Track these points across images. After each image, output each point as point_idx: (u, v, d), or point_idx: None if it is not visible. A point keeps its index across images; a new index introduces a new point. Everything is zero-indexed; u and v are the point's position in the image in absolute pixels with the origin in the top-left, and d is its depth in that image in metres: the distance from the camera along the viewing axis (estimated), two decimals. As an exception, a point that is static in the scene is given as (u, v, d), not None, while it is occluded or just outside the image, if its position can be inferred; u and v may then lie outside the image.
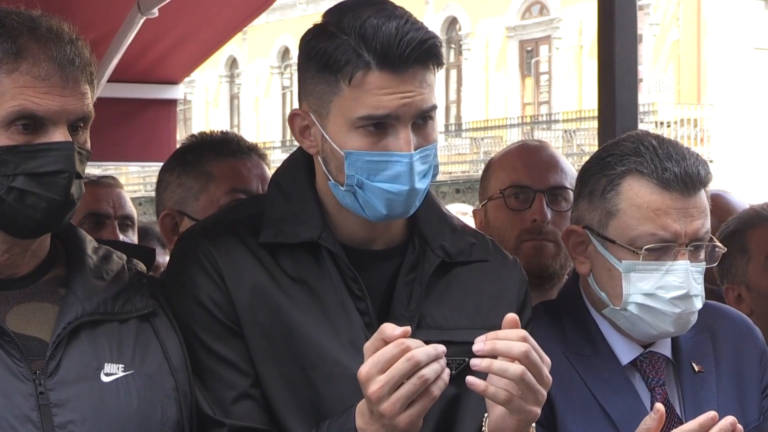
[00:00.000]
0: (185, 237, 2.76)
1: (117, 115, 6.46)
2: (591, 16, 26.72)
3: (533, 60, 36.38)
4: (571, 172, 3.69)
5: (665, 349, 2.93)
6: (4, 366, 2.43)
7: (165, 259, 4.27)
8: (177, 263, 2.72)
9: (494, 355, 2.40)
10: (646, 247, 2.80)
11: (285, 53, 41.46)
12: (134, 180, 39.43)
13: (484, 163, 3.96)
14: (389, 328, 2.38)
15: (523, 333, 2.43)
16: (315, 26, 2.62)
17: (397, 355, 2.35)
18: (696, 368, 2.93)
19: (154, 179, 3.89)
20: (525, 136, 32.01)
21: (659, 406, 2.64)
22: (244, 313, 2.62)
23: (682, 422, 2.76)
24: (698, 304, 2.85)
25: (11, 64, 2.43)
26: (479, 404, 2.55)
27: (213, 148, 3.71)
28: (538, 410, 2.45)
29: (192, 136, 3.86)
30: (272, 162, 3.79)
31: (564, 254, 3.56)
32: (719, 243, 2.90)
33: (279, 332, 2.61)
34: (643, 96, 30.87)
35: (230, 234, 2.68)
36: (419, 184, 2.57)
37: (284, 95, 41.98)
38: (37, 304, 2.52)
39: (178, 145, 4.00)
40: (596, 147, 3.24)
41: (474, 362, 2.41)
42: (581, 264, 2.94)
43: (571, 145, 32.15)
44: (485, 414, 2.52)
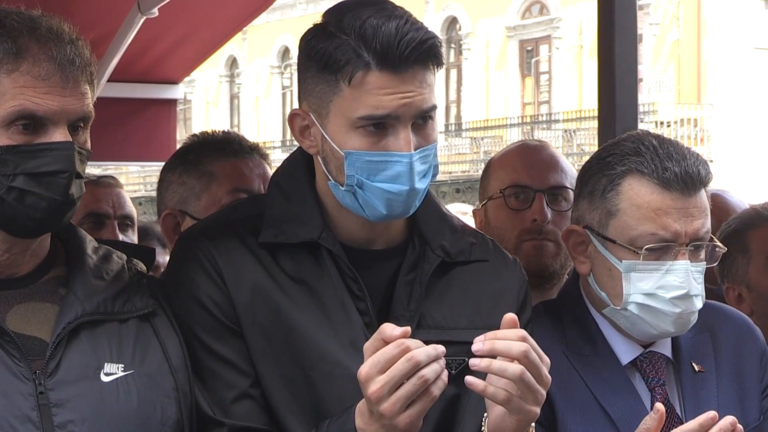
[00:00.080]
0: (185, 237, 2.76)
1: (117, 115, 6.45)
2: (591, 16, 26.70)
3: (533, 60, 36.38)
4: (571, 172, 3.69)
5: (665, 349, 2.93)
6: (4, 366, 2.43)
7: (165, 259, 4.26)
8: (177, 263, 2.72)
9: (493, 355, 2.40)
10: (647, 247, 2.80)
11: (285, 53, 41.46)
12: (134, 180, 39.43)
13: (484, 163, 3.96)
14: (389, 329, 2.38)
15: (523, 333, 2.43)
16: (315, 26, 2.62)
17: (397, 356, 2.35)
18: (696, 368, 2.93)
19: (154, 179, 3.90)
20: (525, 136, 32.00)
21: (659, 406, 2.64)
22: (244, 313, 2.62)
23: (682, 422, 2.76)
24: (698, 304, 2.85)
25: (11, 64, 2.42)
26: (479, 404, 2.55)
27: (215, 148, 3.71)
28: (538, 410, 2.45)
29: (194, 136, 3.86)
30: (272, 162, 3.78)
31: (564, 254, 3.56)
32: (719, 243, 2.90)
33: (279, 332, 2.61)
34: (643, 96, 30.86)
35: (230, 234, 2.68)
36: (419, 184, 2.57)
37: (284, 95, 41.99)
38: (37, 304, 2.52)
39: (179, 145, 4.00)
40: (596, 147, 3.24)
41: (473, 362, 2.40)
42: (581, 264, 2.94)
43: (571, 145, 32.14)
44: (485, 414, 2.52)
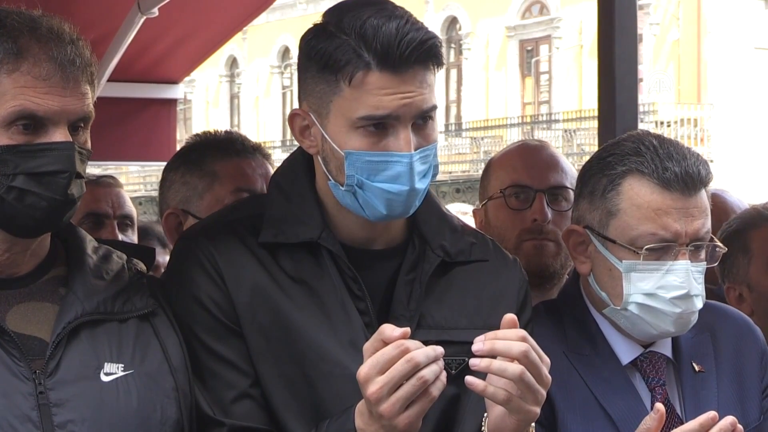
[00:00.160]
0: (185, 237, 2.76)
1: (117, 115, 6.45)
2: (591, 16, 26.70)
3: (533, 60, 36.37)
4: (572, 172, 3.69)
5: (665, 349, 2.93)
6: (4, 365, 2.43)
7: (165, 259, 4.26)
8: (177, 263, 2.72)
9: (493, 355, 2.40)
10: (647, 247, 2.80)
11: (285, 53, 41.46)
12: (134, 180, 39.40)
13: (484, 163, 3.96)
14: (389, 329, 2.38)
15: (522, 333, 2.43)
16: (315, 26, 2.62)
17: (397, 357, 2.35)
18: (696, 368, 2.93)
19: (154, 179, 3.91)
20: (525, 136, 32.00)
21: (659, 406, 2.64)
22: (244, 313, 2.62)
23: (683, 422, 2.76)
24: (699, 304, 2.85)
25: (12, 64, 2.42)
26: (479, 404, 2.55)
27: (217, 148, 3.71)
28: (538, 410, 2.45)
29: (196, 136, 3.86)
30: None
31: (564, 254, 3.56)
32: (720, 243, 2.90)
33: (279, 332, 2.61)
34: (643, 96, 30.87)
35: (230, 234, 2.68)
36: (419, 184, 2.57)
37: (284, 95, 41.99)
38: (37, 304, 2.52)
39: (179, 145, 4.00)
40: (596, 147, 3.23)
41: (473, 362, 2.40)
42: (582, 264, 2.94)
43: (571, 145, 32.14)
44: (485, 414, 2.52)
